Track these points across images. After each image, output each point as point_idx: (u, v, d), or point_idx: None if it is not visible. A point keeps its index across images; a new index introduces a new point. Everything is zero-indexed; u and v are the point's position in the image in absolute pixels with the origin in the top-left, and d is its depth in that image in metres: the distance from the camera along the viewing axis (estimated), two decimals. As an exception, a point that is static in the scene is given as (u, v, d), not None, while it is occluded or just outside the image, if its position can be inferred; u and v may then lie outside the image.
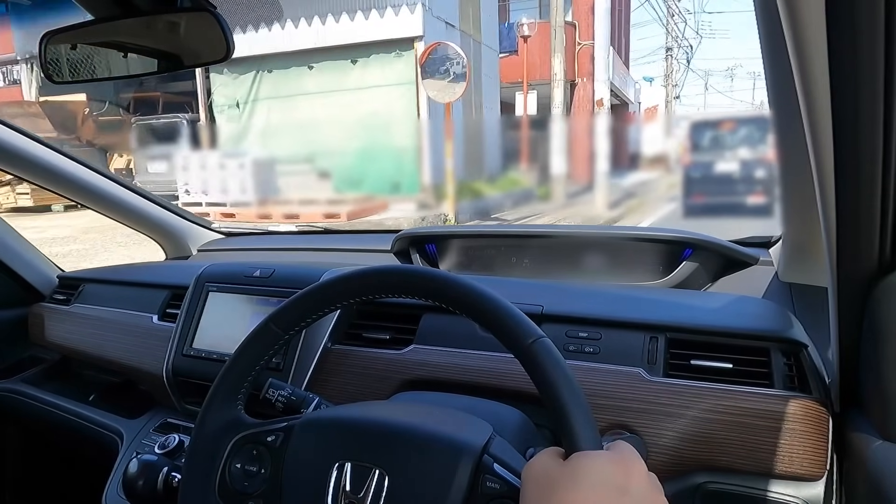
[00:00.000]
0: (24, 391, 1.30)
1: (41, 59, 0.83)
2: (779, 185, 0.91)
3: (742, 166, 7.04)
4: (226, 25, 0.75)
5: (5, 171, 1.29)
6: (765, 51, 0.71)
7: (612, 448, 0.47)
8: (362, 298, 0.62)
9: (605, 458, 0.45)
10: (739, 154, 7.27)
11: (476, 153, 9.78)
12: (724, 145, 7.61)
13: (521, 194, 8.82)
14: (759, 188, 6.66)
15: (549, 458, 0.47)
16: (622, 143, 11.42)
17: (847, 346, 0.67)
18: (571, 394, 0.48)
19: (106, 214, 1.49)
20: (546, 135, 9.64)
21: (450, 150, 7.20)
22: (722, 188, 7.11)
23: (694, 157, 7.67)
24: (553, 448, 0.49)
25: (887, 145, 0.51)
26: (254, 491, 0.61)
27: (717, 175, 7.13)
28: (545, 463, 0.47)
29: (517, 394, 0.80)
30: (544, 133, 9.94)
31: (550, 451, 0.48)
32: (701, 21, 45.06)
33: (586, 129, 9.56)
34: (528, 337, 0.51)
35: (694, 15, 29.55)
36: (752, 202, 6.47)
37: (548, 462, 0.47)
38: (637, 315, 0.87)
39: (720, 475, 0.74)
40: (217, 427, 0.64)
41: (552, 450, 0.48)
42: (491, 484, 0.53)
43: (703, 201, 7.12)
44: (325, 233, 1.90)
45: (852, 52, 0.46)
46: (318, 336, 0.95)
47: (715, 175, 7.16)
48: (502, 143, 10.88)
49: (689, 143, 7.92)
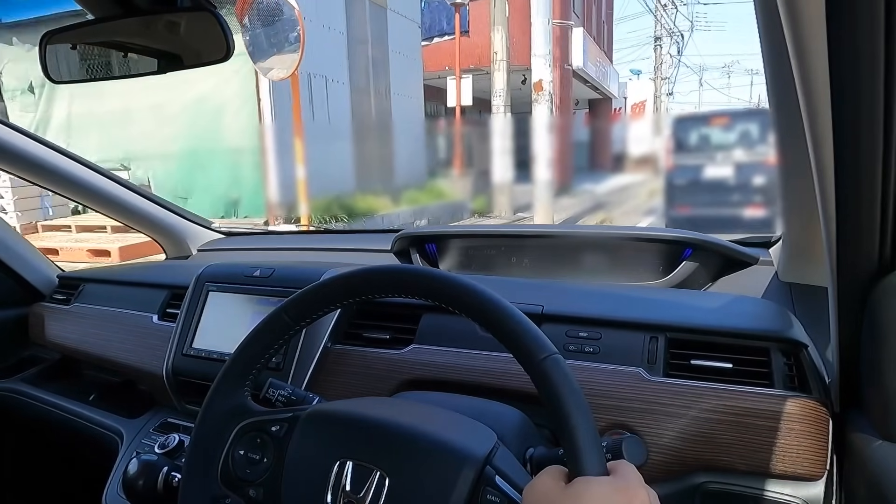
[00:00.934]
0: (24, 391, 1.30)
1: (41, 58, 0.83)
2: (779, 184, 0.91)
3: (737, 171, 5.74)
4: (226, 25, 0.75)
5: (5, 171, 1.29)
6: (764, 48, 0.71)
7: (615, 472, 0.47)
8: (372, 297, 0.61)
9: (608, 486, 0.45)
10: (734, 156, 5.96)
11: (379, 157, 7.61)
12: (715, 146, 6.22)
13: (448, 209, 7.46)
14: (758, 198, 5.41)
15: (551, 480, 0.46)
16: (603, 143, 10.46)
17: (847, 345, 0.67)
18: (580, 415, 0.48)
19: (107, 214, 1.49)
20: (486, 132, 8.01)
21: (300, 152, 4.83)
22: (712, 198, 5.84)
23: (678, 160, 6.23)
24: (556, 468, 0.48)
25: (887, 145, 0.51)
26: (255, 479, 0.62)
27: (707, 182, 5.87)
28: (547, 485, 0.46)
29: (517, 394, 0.80)
30: (483, 130, 8.40)
31: (553, 471, 0.47)
32: (696, 12, 44.51)
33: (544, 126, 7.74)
34: (540, 352, 0.51)
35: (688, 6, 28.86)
36: (749, 215, 5.31)
37: (550, 484, 0.46)
38: (637, 315, 0.87)
39: (720, 475, 0.74)
40: (223, 411, 0.64)
41: (555, 470, 0.48)
42: (491, 497, 0.53)
43: (688, 213, 5.93)
44: (325, 233, 1.90)
45: (852, 52, 0.46)
46: (318, 336, 0.95)
47: (704, 182, 5.89)
48: (427, 142, 8.97)
49: (672, 142, 6.43)
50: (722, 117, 6.75)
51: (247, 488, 0.62)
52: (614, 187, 8.02)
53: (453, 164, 8.20)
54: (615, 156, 8.49)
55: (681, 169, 6.17)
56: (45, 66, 0.84)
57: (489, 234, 1.34)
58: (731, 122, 6.48)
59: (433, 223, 6.98)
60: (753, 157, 5.79)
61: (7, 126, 1.21)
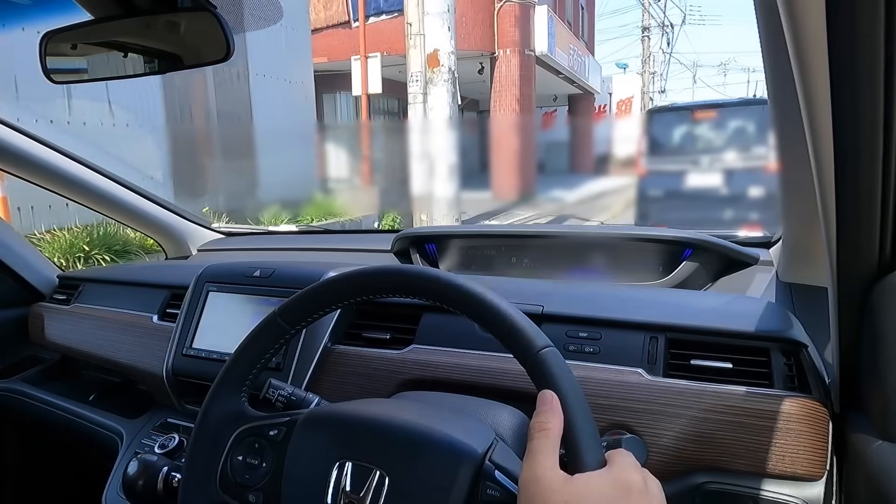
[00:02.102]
0: (24, 391, 1.30)
1: (41, 58, 0.83)
2: (778, 183, 0.91)
3: (728, 179, 4.46)
4: (226, 25, 0.75)
5: (5, 171, 1.29)
6: (764, 46, 0.71)
7: (611, 462, 0.47)
8: (368, 297, 0.62)
9: (605, 478, 0.45)
10: (725, 159, 4.63)
11: (238, 165, 5.60)
12: (700, 146, 4.87)
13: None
14: (755, 216, 4.25)
15: (550, 471, 0.46)
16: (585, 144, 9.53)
17: (847, 346, 0.67)
18: (578, 408, 0.48)
19: (107, 214, 1.49)
20: (401, 128, 6.16)
21: None
22: (697, 213, 4.58)
23: (653, 165, 4.86)
24: (553, 458, 0.47)
25: (888, 145, 0.51)
26: (254, 484, 0.61)
27: (690, 193, 4.55)
28: (548, 476, 0.46)
29: (517, 394, 0.80)
30: (399, 126, 6.44)
31: (551, 462, 0.46)
32: (689, 5, 43.77)
33: (443, 121, 5.90)
34: (535, 346, 0.51)
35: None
36: (743, 238, 3.29)
37: (549, 475, 0.46)
38: (637, 315, 0.87)
39: (720, 475, 0.74)
40: (220, 417, 0.64)
41: (553, 459, 0.47)
42: (491, 491, 0.53)
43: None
44: (324, 233, 1.90)
45: (852, 51, 0.46)
46: (318, 336, 0.95)
47: (686, 193, 4.56)
48: (321, 142, 6.78)
49: (644, 142, 5.08)
50: (708, 110, 5.14)
51: (246, 494, 0.61)
52: (588, 194, 6.84)
53: (361, 171, 6.29)
54: (598, 158, 7.23)
55: (656, 176, 4.76)
56: (45, 66, 0.84)
57: (489, 234, 1.34)
58: (721, 117, 4.94)
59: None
60: (749, 162, 4.51)
61: (7, 126, 1.21)
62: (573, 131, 9.32)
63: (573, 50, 12.92)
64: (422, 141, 5.54)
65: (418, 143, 5.47)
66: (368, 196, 5.76)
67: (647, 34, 17.56)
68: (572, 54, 12.78)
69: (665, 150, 5.00)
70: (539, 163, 9.91)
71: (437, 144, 5.61)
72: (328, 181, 6.01)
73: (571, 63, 12.70)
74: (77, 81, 0.91)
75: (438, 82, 5.92)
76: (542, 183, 7.89)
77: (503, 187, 7.01)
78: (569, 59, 12.43)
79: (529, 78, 10.14)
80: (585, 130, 10.72)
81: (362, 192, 5.76)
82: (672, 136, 5.02)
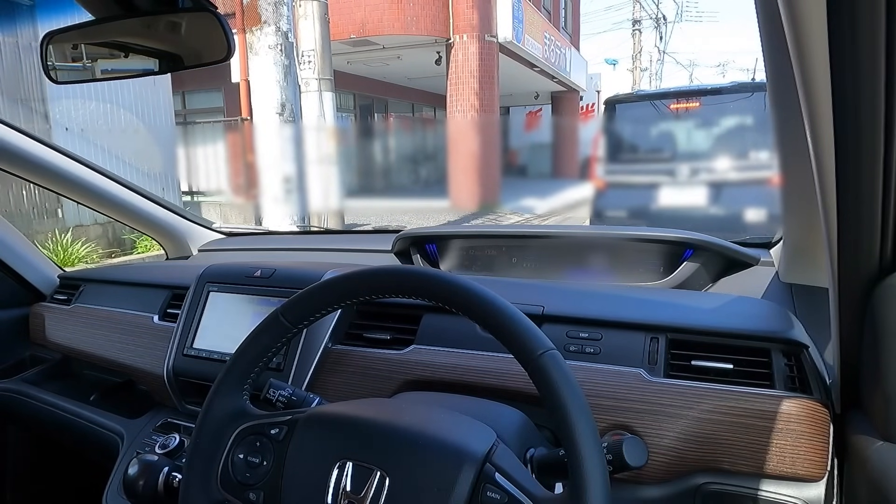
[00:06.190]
0: (25, 391, 1.30)
1: (42, 59, 0.83)
2: (779, 184, 0.90)
3: (715, 195, 3.12)
4: (226, 25, 0.75)
5: (5, 171, 1.29)
6: (764, 47, 0.71)
7: None
8: (370, 297, 0.62)
9: None
10: (715, 167, 3.26)
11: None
12: (679, 150, 3.46)
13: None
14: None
15: None
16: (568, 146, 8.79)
17: (848, 346, 0.66)
18: (580, 413, 0.49)
19: (107, 214, 1.49)
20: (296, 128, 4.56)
21: None
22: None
23: (613, 176, 3.56)
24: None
25: (888, 145, 0.51)
26: (255, 483, 0.62)
27: (662, 213, 3.23)
28: None
29: (517, 394, 0.80)
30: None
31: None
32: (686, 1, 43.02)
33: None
34: (537, 349, 0.51)
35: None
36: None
37: None
38: (638, 315, 0.86)
39: (721, 476, 0.74)
40: (222, 415, 0.65)
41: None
42: (491, 494, 0.53)
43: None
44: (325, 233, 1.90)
45: (853, 52, 0.46)
46: (319, 336, 0.95)
47: (657, 213, 3.25)
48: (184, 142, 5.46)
49: (601, 142, 3.83)
50: (690, 99, 3.68)
51: (247, 492, 0.62)
52: (564, 203, 5.79)
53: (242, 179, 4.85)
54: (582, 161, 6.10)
55: (618, 190, 3.46)
56: (46, 66, 0.84)
57: (490, 234, 1.34)
58: (707, 109, 3.56)
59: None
60: (745, 172, 3.19)
61: (7, 126, 1.21)
62: (555, 132, 8.62)
63: (549, 40, 11.34)
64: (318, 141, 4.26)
65: (314, 143, 4.19)
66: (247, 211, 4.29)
67: (637, 27, 15.85)
68: (548, 45, 11.24)
69: (630, 156, 3.68)
70: (521, 166, 9.42)
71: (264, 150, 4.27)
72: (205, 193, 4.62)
73: (547, 54, 11.14)
74: (78, 81, 0.91)
75: (261, 49, 3.96)
76: (512, 190, 6.97)
77: (461, 196, 5.98)
78: (543, 50, 10.86)
79: (491, 69, 8.68)
80: (569, 131, 10.09)
81: (239, 207, 4.31)
82: (640, 135, 3.70)
